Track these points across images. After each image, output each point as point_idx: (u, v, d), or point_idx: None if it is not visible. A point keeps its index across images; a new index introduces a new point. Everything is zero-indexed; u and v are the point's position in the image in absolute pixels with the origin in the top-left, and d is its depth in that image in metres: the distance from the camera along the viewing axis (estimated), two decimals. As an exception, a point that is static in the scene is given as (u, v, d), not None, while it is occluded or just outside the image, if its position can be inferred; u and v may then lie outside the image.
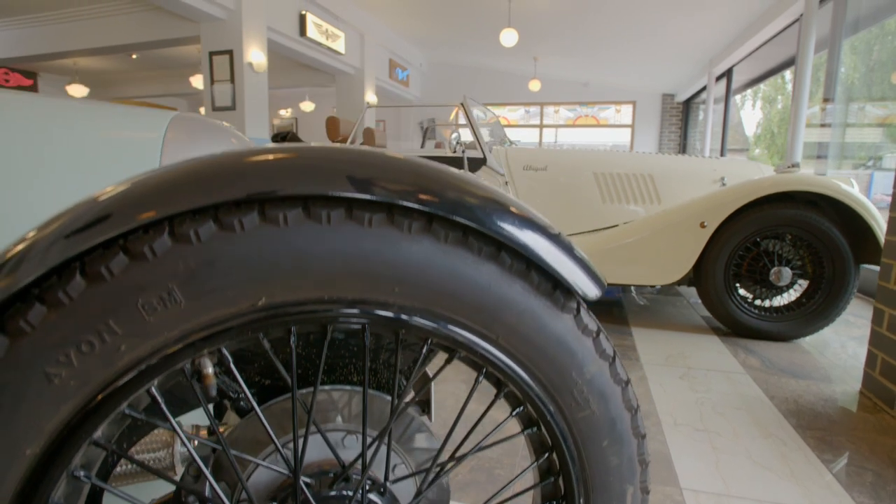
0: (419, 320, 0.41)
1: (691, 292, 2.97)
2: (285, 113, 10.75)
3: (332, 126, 2.76)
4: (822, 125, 4.38)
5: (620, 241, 2.19)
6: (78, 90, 7.36)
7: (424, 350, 0.45)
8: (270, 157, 0.38)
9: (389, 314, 0.40)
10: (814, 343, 2.09)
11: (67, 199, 0.65)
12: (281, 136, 2.70)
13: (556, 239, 0.44)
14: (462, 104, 2.43)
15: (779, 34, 4.62)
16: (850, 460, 1.22)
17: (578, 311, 0.45)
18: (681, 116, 8.35)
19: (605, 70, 7.82)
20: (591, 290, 0.45)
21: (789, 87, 6.60)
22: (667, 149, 8.54)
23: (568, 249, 0.45)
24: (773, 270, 2.04)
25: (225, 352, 0.40)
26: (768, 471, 1.16)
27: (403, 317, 0.41)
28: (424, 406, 0.64)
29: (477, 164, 2.41)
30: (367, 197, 0.38)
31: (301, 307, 0.39)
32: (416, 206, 0.39)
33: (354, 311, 0.40)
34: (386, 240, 0.39)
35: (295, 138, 2.69)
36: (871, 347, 1.59)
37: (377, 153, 0.41)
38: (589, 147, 2.59)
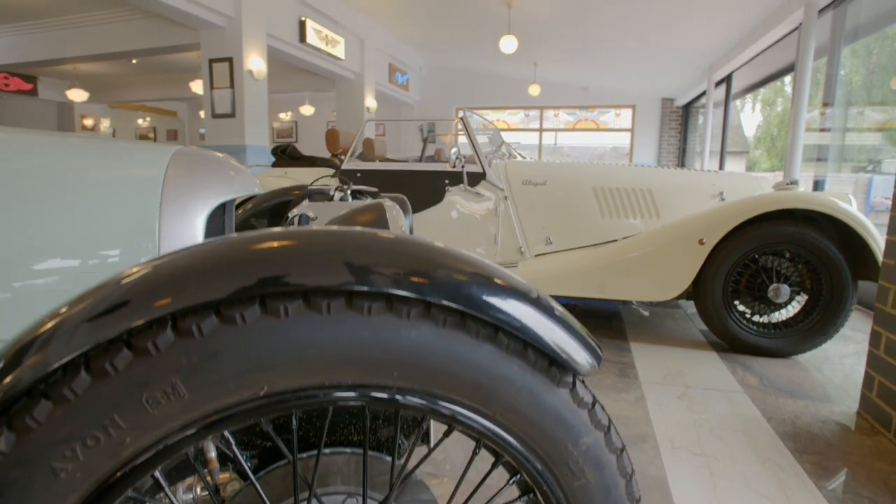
0: (417, 400, 0.42)
1: (690, 303, 2.98)
2: (285, 116, 10.76)
3: (332, 138, 2.77)
4: (822, 129, 4.38)
5: (619, 257, 2.19)
6: (78, 94, 7.37)
7: (423, 426, 0.46)
8: (273, 244, 0.39)
9: (387, 396, 0.41)
10: (812, 359, 2.10)
11: (66, 241, 0.65)
12: (280, 150, 2.71)
13: (552, 313, 0.45)
14: (461, 118, 2.43)
15: (778, 41, 4.63)
16: (847, 487, 1.23)
17: (574, 384, 0.46)
18: (680, 121, 8.36)
19: (605, 74, 7.83)
20: (586, 365, 0.46)
21: (788, 89, 6.61)
22: (666, 153, 8.55)
23: (564, 323, 0.46)
24: (771, 287, 2.04)
25: (227, 434, 0.41)
26: (765, 498, 1.17)
27: (401, 398, 0.41)
28: (424, 437, 0.64)
29: (476, 178, 2.42)
30: (366, 289, 0.38)
31: (301, 393, 0.39)
32: (413, 295, 0.39)
33: (353, 394, 0.41)
34: (385, 327, 0.40)
35: (294, 151, 2.69)
36: (868, 369, 1.60)
37: (375, 238, 0.42)
38: (588, 161, 2.60)
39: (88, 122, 8.88)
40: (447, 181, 2.43)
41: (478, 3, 5.44)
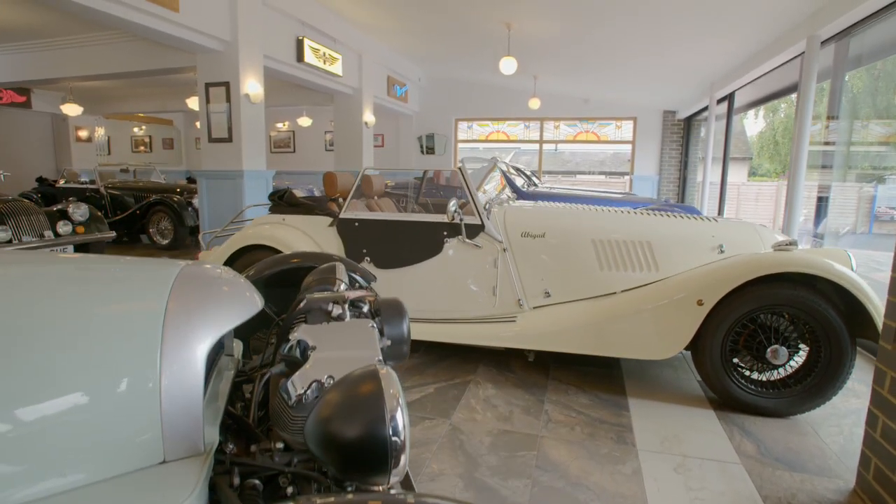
0: None
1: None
2: (282, 126, 10.70)
3: (330, 182, 2.75)
4: (826, 143, 4.38)
5: (618, 315, 2.19)
6: (72, 109, 7.31)
7: None
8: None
9: None
10: (811, 418, 2.10)
11: (67, 376, 0.64)
12: (278, 196, 2.69)
13: None
14: (459, 169, 2.42)
15: (781, 66, 4.61)
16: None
17: None
18: (682, 133, 8.33)
19: (606, 87, 7.80)
20: None
21: (793, 95, 6.62)
22: (668, 165, 8.53)
23: None
24: (769, 349, 2.04)
25: None
26: None
27: None
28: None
29: (475, 230, 2.41)
30: None
31: None
32: None
33: None
34: None
35: (292, 197, 2.67)
36: (864, 448, 1.60)
37: None
38: (587, 208, 2.60)
39: (83, 133, 8.82)
40: (445, 233, 2.42)
41: (477, 24, 5.41)
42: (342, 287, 1.39)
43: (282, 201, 2.68)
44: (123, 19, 3.61)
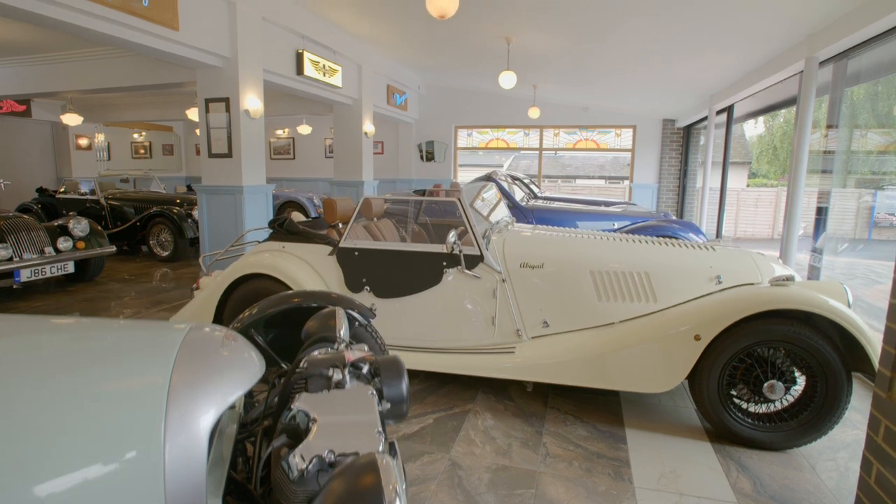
0: None
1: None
2: (282, 133, 10.70)
3: (330, 209, 2.76)
4: (826, 152, 4.39)
5: (616, 348, 2.20)
6: (72, 119, 7.32)
7: None
8: None
9: None
10: (807, 452, 2.12)
11: (71, 451, 0.65)
12: (279, 223, 2.70)
13: None
14: (458, 199, 2.43)
15: (781, 82, 4.62)
16: None
17: None
18: (681, 142, 8.34)
19: (605, 96, 7.81)
20: None
21: (792, 106, 6.63)
22: (667, 173, 8.53)
23: None
24: (766, 384, 2.06)
25: None
26: None
27: None
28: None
29: (474, 261, 2.42)
30: None
31: None
32: None
33: None
34: None
35: (292, 225, 2.68)
36: (859, 493, 1.61)
37: None
38: (585, 235, 2.61)
39: (83, 141, 8.83)
40: (444, 263, 2.43)
41: (477, 39, 5.41)
42: (342, 332, 1.41)
43: (282, 229, 2.69)
44: (124, 40, 3.62)
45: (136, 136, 10.95)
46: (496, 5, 4.38)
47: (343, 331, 1.39)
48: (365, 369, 1.21)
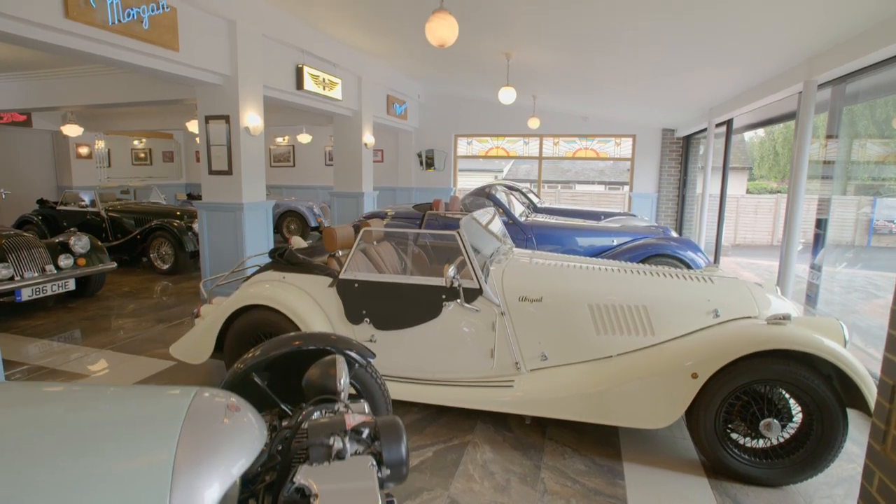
0: None
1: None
2: (282, 140, 10.71)
3: (329, 237, 2.78)
4: (826, 162, 4.40)
5: (613, 385, 2.22)
6: (73, 130, 7.33)
7: None
8: None
9: None
10: (803, 489, 2.13)
11: None
12: (279, 254, 2.71)
13: None
14: (458, 233, 2.44)
15: (780, 100, 4.63)
16: None
17: None
18: (681, 151, 8.35)
19: (605, 106, 7.81)
20: None
21: (791, 121, 6.64)
22: (667, 183, 8.54)
23: None
24: (762, 422, 2.07)
25: None
26: None
27: None
28: None
29: (473, 294, 2.44)
30: None
31: None
32: None
33: None
34: None
35: (292, 255, 2.70)
36: (854, 540, 1.63)
37: None
38: (583, 267, 2.62)
39: (83, 150, 8.84)
40: (444, 296, 2.45)
41: (477, 54, 5.42)
42: (342, 381, 1.43)
43: (282, 259, 2.71)
44: (125, 62, 3.63)
45: (136, 143, 10.97)
46: (496, 22, 4.39)
47: (343, 380, 1.42)
48: (365, 434, 1.23)
